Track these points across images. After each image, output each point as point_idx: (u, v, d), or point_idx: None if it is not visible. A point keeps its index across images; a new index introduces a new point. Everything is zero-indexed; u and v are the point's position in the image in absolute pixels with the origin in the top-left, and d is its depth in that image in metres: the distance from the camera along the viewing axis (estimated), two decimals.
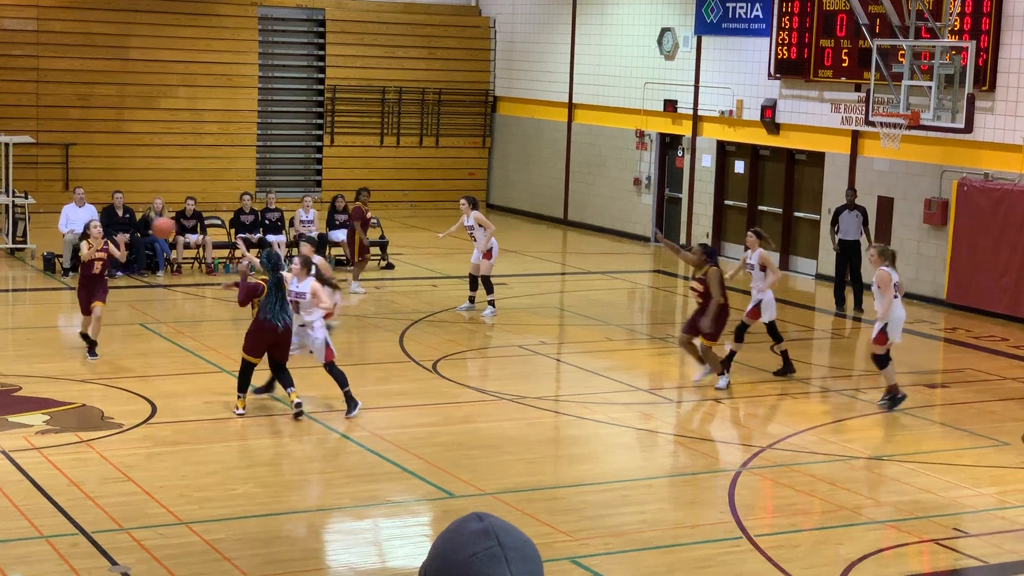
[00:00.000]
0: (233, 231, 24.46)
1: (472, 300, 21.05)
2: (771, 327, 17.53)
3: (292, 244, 24.66)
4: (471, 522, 2.81)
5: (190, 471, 12.94)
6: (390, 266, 25.02)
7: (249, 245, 24.15)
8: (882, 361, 16.09)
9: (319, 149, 33.18)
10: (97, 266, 16.92)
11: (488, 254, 20.89)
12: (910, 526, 12.00)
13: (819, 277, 25.42)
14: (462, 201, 21.39)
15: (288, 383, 14.79)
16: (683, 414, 16.18)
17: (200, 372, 16.77)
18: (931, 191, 23.32)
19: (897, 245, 23.32)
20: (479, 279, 20.93)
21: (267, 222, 24.59)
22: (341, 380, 14.94)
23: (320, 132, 33.08)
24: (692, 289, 17.25)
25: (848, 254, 22.46)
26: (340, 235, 24.89)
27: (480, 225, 20.96)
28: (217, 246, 24.27)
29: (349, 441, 14.02)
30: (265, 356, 14.84)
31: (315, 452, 13.86)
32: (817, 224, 25.75)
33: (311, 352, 15.39)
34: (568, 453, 14.39)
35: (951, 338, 20.94)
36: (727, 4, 27.28)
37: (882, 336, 15.97)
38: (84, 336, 17.13)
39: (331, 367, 15.08)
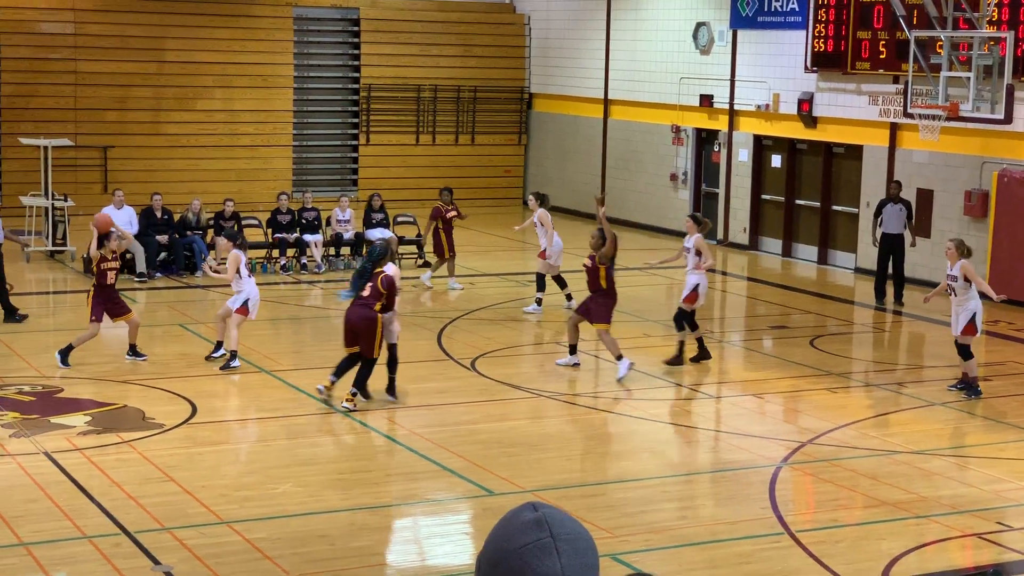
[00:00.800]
0: (270, 231, 24.53)
1: (539, 302, 21.06)
2: (692, 315, 17.46)
3: (329, 243, 24.72)
4: (525, 512, 2.79)
5: (231, 470, 12.99)
6: (427, 264, 25.03)
7: (286, 245, 24.23)
8: (968, 353, 16.23)
9: (355, 148, 33.23)
10: (111, 276, 16.91)
11: (543, 253, 21.00)
12: (953, 521, 11.91)
13: (858, 271, 25.28)
14: (530, 197, 21.61)
15: (359, 383, 15.09)
16: (722, 409, 16.11)
17: (239, 372, 16.81)
18: (971, 183, 23.14)
19: (937, 237, 23.17)
20: (544, 276, 21.08)
21: (304, 222, 24.64)
22: (394, 366, 15.34)
23: (355, 131, 33.13)
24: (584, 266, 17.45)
25: (892, 247, 22.28)
26: (376, 233, 24.91)
27: (541, 223, 21.09)
28: (254, 246, 24.31)
29: (388, 439, 14.04)
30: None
31: (355, 451, 13.88)
32: (855, 218, 25.60)
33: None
34: (607, 450, 14.36)
35: (992, 331, 20.77)
36: None
37: (971, 327, 16.09)
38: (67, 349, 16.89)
39: (393, 348, 15.44)
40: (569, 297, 21.12)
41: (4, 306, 19.40)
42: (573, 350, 17.37)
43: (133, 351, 17.13)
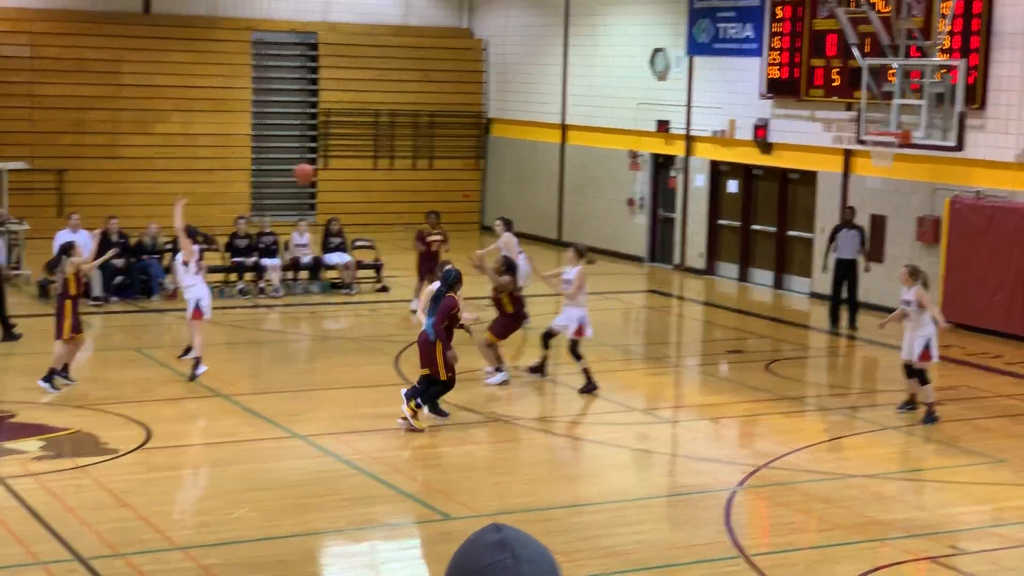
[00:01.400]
0: (228, 255, 24.48)
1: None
2: (575, 345, 17.50)
3: (287, 267, 24.70)
4: (489, 533, 2.80)
5: (186, 496, 12.95)
6: (385, 288, 25.05)
7: (244, 269, 24.19)
8: (924, 377, 16.44)
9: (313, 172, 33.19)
10: (79, 288, 16.79)
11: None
12: (906, 544, 12.01)
13: (813, 296, 25.46)
14: (496, 222, 21.67)
15: (425, 399, 15.31)
16: (679, 433, 16.19)
17: (195, 397, 16.77)
18: (923, 209, 23.38)
19: (890, 263, 23.38)
20: None
21: (262, 246, 24.61)
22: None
23: (314, 155, 33.12)
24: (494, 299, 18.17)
25: (845, 272, 22.50)
26: (335, 258, 24.93)
27: (506, 247, 21.17)
28: (212, 270, 24.24)
29: (346, 464, 14.03)
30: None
31: (312, 475, 13.86)
32: (810, 243, 25.80)
33: None
34: (564, 474, 14.40)
35: (945, 355, 20.91)
36: (718, 24, 27.38)
37: (927, 353, 16.33)
38: (60, 368, 16.83)
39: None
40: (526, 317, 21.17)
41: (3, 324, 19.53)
42: (499, 369, 17.79)
43: (65, 373, 16.86)
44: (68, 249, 17.01)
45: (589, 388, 17.15)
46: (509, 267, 18.05)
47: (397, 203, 33.40)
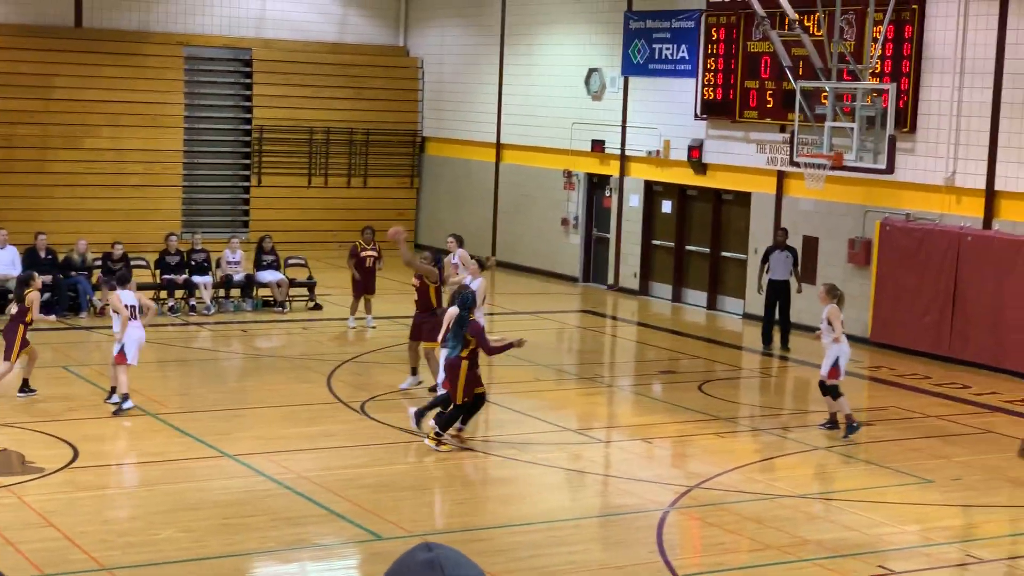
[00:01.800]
0: (159, 272, 24.24)
1: None
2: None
3: (219, 285, 24.49)
4: (419, 552, 2.76)
5: (112, 516, 12.76)
6: (318, 307, 24.91)
7: (175, 287, 23.96)
8: (836, 392, 16.79)
9: (246, 189, 33.02)
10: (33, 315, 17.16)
11: None
12: (836, 564, 12.05)
13: (746, 316, 25.59)
14: (449, 238, 21.59)
15: (444, 425, 15.34)
16: (611, 454, 16.18)
17: (128, 415, 16.54)
18: (855, 231, 23.58)
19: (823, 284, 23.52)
20: None
21: (193, 263, 24.40)
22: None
23: (247, 172, 32.93)
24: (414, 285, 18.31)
25: (778, 293, 22.64)
26: (267, 276, 24.76)
27: (464, 264, 21.04)
28: (142, 287, 23.97)
29: (276, 483, 13.89)
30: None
31: (241, 495, 13.71)
32: (744, 263, 25.94)
33: None
34: (497, 494, 14.34)
35: (875, 376, 21.14)
36: (653, 45, 27.52)
37: (835, 370, 16.75)
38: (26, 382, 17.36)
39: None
40: None
41: None
42: (414, 371, 18.07)
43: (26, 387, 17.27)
44: (29, 280, 17.40)
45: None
46: (438, 261, 18.20)
47: (331, 221, 33.26)
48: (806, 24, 22.92)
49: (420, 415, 15.82)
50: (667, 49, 27.24)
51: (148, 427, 16.04)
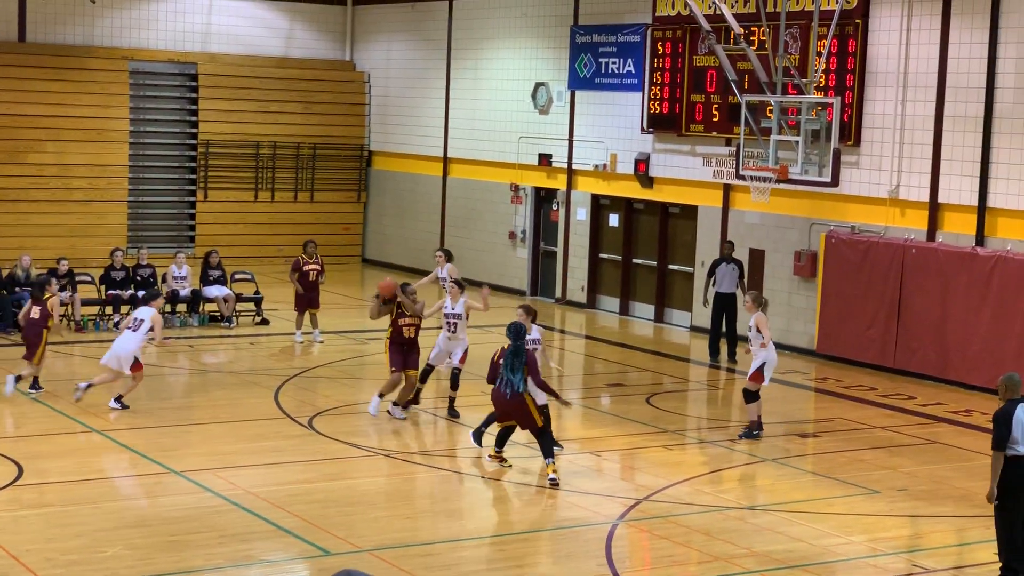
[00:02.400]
0: (104, 288, 24.05)
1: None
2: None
3: (166, 301, 24.31)
4: None
5: (57, 534, 12.63)
6: (265, 322, 24.80)
7: (120, 302, 23.75)
8: (752, 397, 17.17)
9: (192, 204, 32.84)
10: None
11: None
12: (784, 575, 12.10)
13: (694, 329, 25.68)
14: (438, 253, 21.48)
15: (548, 453, 14.82)
16: (560, 467, 16.17)
17: (68, 432, 16.41)
18: (800, 243, 23.73)
19: (768, 296, 23.64)
20: None
21: (139, 278, 24.22)
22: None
23: (193, 187, 32.76)
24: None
25: (725, 306, 22.76)
26: (214, 291, 24.62)
27: (449, 277, 20.94)
28: (87, 303, 23.84)
29: (223, 499, 13.80)
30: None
31: (187, 511, 13.60)
32: (691, 276, 26.04)
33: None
34: (444, 508, 14.31)
35: (821, 388, 21.27)
36: (600, 59, 27.61)
37: (758, 375, 17.09)
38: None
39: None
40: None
41: None
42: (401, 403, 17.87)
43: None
44: (46, 284, 19.04)
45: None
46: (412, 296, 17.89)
47: (278, 235, 33.14)
48: (751, 38, 23.10)
49: (478, 434, 15.87)
50: (613, 63, 27.34)
51: (93, 444, 15.90)
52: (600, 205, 28.29)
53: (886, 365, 22.15)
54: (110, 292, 23.93)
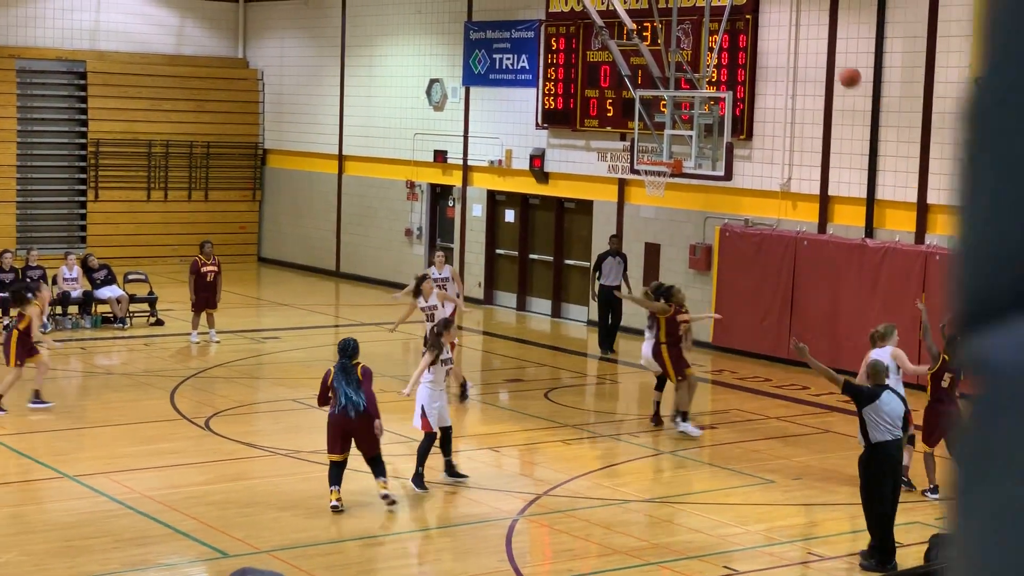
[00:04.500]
0: None
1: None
2: None
3: (56, 302, 23.93)
4: None
5: None
6: (160, 322, 24.51)
7: (8, 304, 23.33)
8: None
9: (83, 204, 32.35)
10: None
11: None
12: (683, 566, 12.23)
13: (590, 323, 25.82)
14: (439, 254, 21.44)
15: (380, 473, 13.77)
16: (460, 463, 16.18)
17: None
18: (695, 237, 23.96)
19: None
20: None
21: (28, 280, 23.79)
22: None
23: (83, 187, 32.27)
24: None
25: (610, 299, 22.91)
26: (106, 292, 24.27)
27: (453, 279, 20.82)
28: None
29: (118, 503, 13.63)
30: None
31: (83, 516, 13.42)
32: (587, 271, 26.17)
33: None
34: (345, 506, 14.24)
35: (718, 380, 21.50)
36: (494, 55, 27.65)
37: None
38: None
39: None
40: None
41: None
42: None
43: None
44: (33, 291, 18.71)
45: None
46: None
47: (172, 235, 32.75)
48: (644, 34, 23.26)
49: (419, 478, 14.62)
50: (507, 59, 27.40)
51: None
52: (496, 201, 28.34)
53: (780, 356, 22.43)
54: None
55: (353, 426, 13.60)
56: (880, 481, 12.04)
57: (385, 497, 13.73)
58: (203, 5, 33.94)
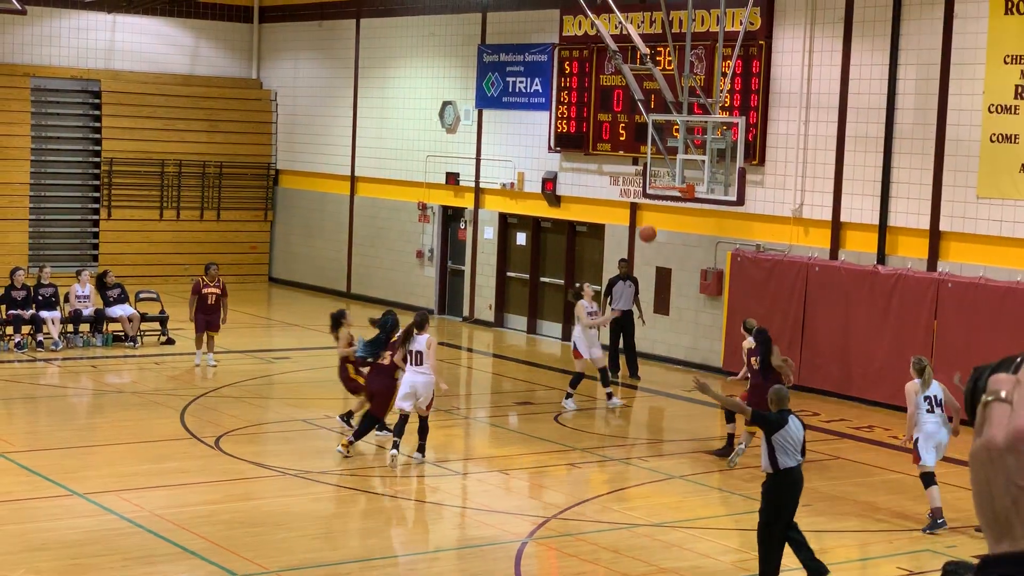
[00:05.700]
0: (4, 307, 23.65)
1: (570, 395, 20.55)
2: None
3: (68, 320, 23.98)
4: None
5: None
6: (170, 341, 24.53)
7: (21, 322, 23.38)
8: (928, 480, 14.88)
9: (96, 223, 32.43)
10: None
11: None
12: None
13: (603, 347, 25.73)
14: (586, 285, 21.30)
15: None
16: (468, 485, 16.17)
17: None
18: (706, 262, 23.94)
19: (675, 315, 23.89)
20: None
21: (40, 298, 23.85)
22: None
23: (96, 205, 32.35)
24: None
25: (622, 323, 22.90)
26: (118, 311, 24.30)
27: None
28: None
29: (128, 522, 13.62)
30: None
31: (92, 534, 13.42)
32: (598, 295, 26.13)
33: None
34: (354, 528, 14.24)
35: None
36: (507, 78, 27.70)
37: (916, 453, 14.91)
38: None
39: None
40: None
41: None
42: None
43: None
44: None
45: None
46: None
47: (183, 254, 32.81)
48: (657, 58, 23.29)
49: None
50: (521, 82, 27.45)
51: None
52: (508, 224, 28.36)
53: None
54: (10, 312, 23.53)
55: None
56: (788, 507, 12.15)
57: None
58: (217, 25, 34.05)
